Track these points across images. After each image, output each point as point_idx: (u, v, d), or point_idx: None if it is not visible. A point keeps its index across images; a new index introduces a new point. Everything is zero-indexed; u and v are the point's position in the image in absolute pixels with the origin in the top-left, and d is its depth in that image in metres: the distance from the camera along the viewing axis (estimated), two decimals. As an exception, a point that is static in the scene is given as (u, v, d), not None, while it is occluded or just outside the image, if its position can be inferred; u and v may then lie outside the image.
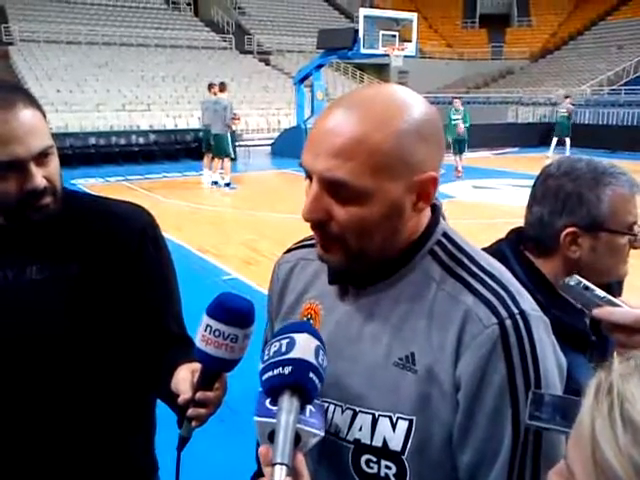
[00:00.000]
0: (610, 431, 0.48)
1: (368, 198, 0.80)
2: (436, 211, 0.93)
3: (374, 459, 0.85)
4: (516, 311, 0.82)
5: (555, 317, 1.16)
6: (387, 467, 0.85)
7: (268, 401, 0.75)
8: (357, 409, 0.87)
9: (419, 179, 0.82)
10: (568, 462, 0.53)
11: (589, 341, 1.18)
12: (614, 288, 1.38)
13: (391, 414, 0.84)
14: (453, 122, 13.21)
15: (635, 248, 1.23)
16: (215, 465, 2.95)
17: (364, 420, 0.86)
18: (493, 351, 0.80)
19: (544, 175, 1.25)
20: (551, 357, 0.85)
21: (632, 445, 0.47)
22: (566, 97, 17.51)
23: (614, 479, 0.47)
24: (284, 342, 0.77)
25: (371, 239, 0.84)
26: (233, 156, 11.46)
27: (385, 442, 0.84)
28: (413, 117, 0.81)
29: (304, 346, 0.76)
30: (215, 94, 11.27)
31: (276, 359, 0.76)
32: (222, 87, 11.29)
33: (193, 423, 0.94)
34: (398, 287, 0.88)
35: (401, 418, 0.84)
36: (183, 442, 0.95)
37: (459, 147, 13.25)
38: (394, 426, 0.84)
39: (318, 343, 0.78)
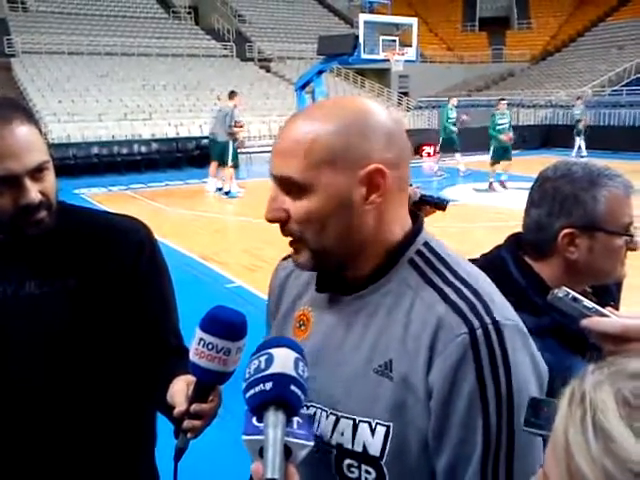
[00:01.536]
0: (582, 440, 0.48)
1: (312, 191, 0.85)
2: (418, 221, 0.95)
3: (355, 464, 0.88)
4: (488, 320, 0.83)
5: (554, 320, 1.16)
6: (367, 472, 0.87)
7: (254, 419, 0.76)
8: (339, 414, 0.90)
9: (364, 171, 0.85)
10: (545, 470, 0.54)
11: (588, 344, 1.18)
12: (612, 290, 1.39)
13: (370, 420, 0.87)
14: (499, 127, 11.93)
15: (631, 250, 1.23)
16: (216, 472, 2.94)
17: (346, 425, 0.88)
18: (463, 359, 0.82)
19: (541, 179, 1.27)
20: (526, 366, 0.85)
21: (604, 454, 0.47)
22: (578, 98, 17.53)
23: None
24: (262, 359, 0.78)
25: (326, 233, 0.87)
26: (231, 164, 11.48)
27: (365, 447, 0.87)
28: (354, 114, 0.86)
29: (283, 360, 0.77)
30: (235, 105, 11.38)
31: (256, 376, 0.76)
32: (230, 95, 11.34)
33: (189, 435, 0.95)
34: (378, 295, 0.91)
35: (379, 424, 0.86)
36: (180, 453, 0.96)
37: (504, 155, 11.97)
38: (373, 432, 0.86)
39: (297, 355, 0.79)
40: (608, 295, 1.34)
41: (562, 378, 1.07)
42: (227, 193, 11.51)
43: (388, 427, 0.85)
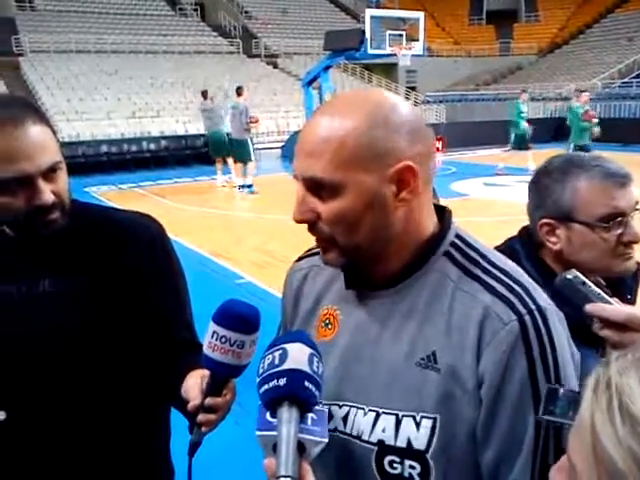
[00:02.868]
0: (609, 424, 0.50)
1: (343, 191, 0.84)
2: (446, 214, 0.95)
3: (398, 459, 0.86)
4: (533, 307, 0.84)
5: (566, 313, 1.16)
6: (411, 467, 0.86)
7: (268, 414, 0.76)
8: (380, 410, 0.88)
9: (394, 169, 0.84)
10: (569, 456, 0.55)
11: (600, 336, 1.17)
12: (629, 283, 1.37)
13: (415, 414, 0.86)
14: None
15: (630, 242, 1.20)
16: (230, 467, 2.96)
17: (387, 421, 0.87)
18: (514, 347, 0.82)
19: (534, 173, 1.33)
20: (567, 349, 0.87)
21: (631, 437, 0.48)
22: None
23: (614, 471, 0.49)
24: (277, 354, 0.78)
25: (358, 232, 0.86)
26: (231, 158, 11.61)
27: (409, 442, 0.85)
28: (379, 110, 0.85)
29: (297, 356, 0.77)
30: (245, 99, 11.41)
31: (271, 371, 0.77)
32: (239, 91, 11.36)
33: (203, 429, 0.95)
34: (415, 289, 0.90)
35: (425, 417, 0.85)
36: (194, 447, 0.96)
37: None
38: (418, 425, 0.85)
39: (311, 351, 0.79)
40: (624, 288, 1.32)
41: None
42: (249, 187, 11.52)
43: (435, 419, 0.85)
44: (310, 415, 0.77)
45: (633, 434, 0.48)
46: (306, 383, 0.76)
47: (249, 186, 11.49)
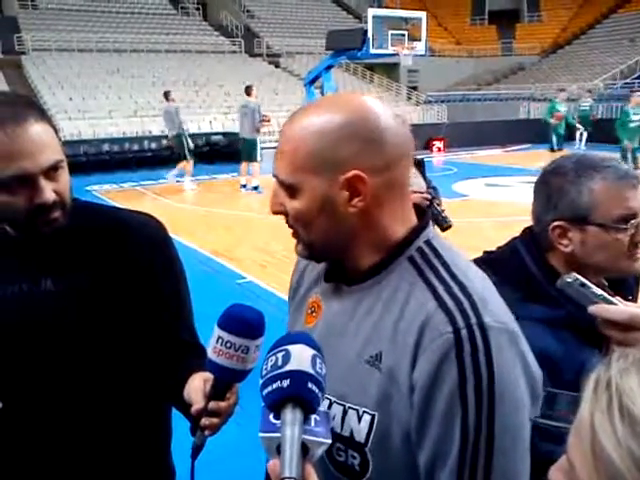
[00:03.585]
0: (609, 424, 0.50)
1: (299, 192, 0.91)
2: (424, 218, 0.97)
3: (342, 447, 0.92)
4: (474, 321, 0.84)
5: (569, 313, 1.16)
6: (352, 457, 0.91)
7: (272, 416, 0.76)
8: (332, 399, 0.93)
9: (344, 177, 0.88)
10: (569, 456, 0.55)
11: (604, 336, 1.17)
12: (630, 284, 1.37)
13: (358, 407, 0.90)
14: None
15: (638, 244, 1.20)
16: (232, 469, 2.96)
17: (337, 410, 0.92)
18: (445, 358, 0.83)
19: (540, 174, 1.30)
20: (512, 369, 0.85)
21: (631, 437, 0.48)
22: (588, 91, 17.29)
23: (613, 471, 0.49)
24: (280, 355, 0.78)
25: (311, 230, 0.93)
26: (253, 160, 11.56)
27: (352, 433, 0.91)
28: (338, 118, 0.88)
29: (300, 357, 0.77)
30: (255, 97, 11.41)
31: (274, 373, 0.76)
32: (248, 90, 11.36)
33: (206, 432, 0.95)
34: (378, 288, 0.94)
35: (366, 412, 0.90)
36: (197, 450, 0.96)
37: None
38: (360, 419, 0.90)
39: (314, 352, 0.79)
40: (626, 288, 1.32)
41: (573, 371, 1.07)
42: (255, 188, 11.51)
43: (373, 416, 0.89)
44: (313, 416, 0.76)
45: (633, 435, 0.48)
46: (309, 384, 0.76)
47: (255, 187, 11.46)
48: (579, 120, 12.53)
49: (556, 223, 1.22)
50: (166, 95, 12.22)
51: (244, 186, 11.74)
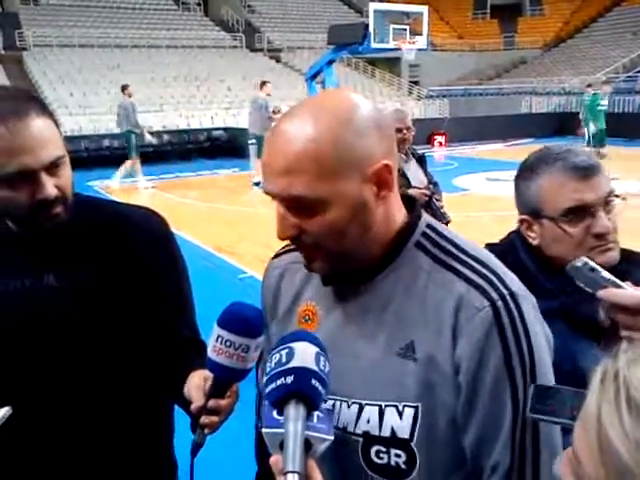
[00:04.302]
0: (616, 416, 0.49)
1: (328, 204, 0.84)
2: (416, 205, 0.96)
3: (384, 449, 0.88)
4: (506, 292, 0.86)
5: (564, 304, 1.16)
6: (397, 455, 0.88)
7: (275, 412, 0.76)
8: (363, 402, 0.90)
9: (372, 170, 0.84)
10: (575, 449, 0.54)
11: (601, 328, 1.17)
12: (636, 275, 1.36)
13: (397, 403, 0.87)
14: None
15: (599, 236, 1.19)
16: (231, 462, 2.96)
17: (371, 412, 0.89)
18: (489, 332, 0.84)
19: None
20: (540, 332, 0.88)
21: (637, 429, 0.48)
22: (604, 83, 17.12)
23: (620, 464, 0.48)
24: (284, 352, 0.78)
25: (346, 239, 0.87)
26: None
27: (393, 431, 0.87)
28: (343, 118, 0.84)
29: (303, 354, 0.77)
30: (268, 94, 11.32)
31: (278, 370, 0.77)
32: (261, 86, 11.30)
33: (206, 430, 0.95)
34: (390, 281, 0.91)
35: (407, 406, 0.87)
36: (197, 448, 0.96)
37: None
38: (401, 414, 0.87)
39: (317, 349, 0.79)
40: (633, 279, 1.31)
41: (570, 362, 1.07)
42: (257, 184, 11.45)
43: (416, 408, 0.86)
44: (316, 413, 0.77)
45: (639, 426, 0.48)
46: (313, 381, 0.76)
47: (257, 183, 11.41)
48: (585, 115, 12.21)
49: (522, 217, 1.28)
50: (123, 89, 11.70)
51: (257, 184, 11.65)
